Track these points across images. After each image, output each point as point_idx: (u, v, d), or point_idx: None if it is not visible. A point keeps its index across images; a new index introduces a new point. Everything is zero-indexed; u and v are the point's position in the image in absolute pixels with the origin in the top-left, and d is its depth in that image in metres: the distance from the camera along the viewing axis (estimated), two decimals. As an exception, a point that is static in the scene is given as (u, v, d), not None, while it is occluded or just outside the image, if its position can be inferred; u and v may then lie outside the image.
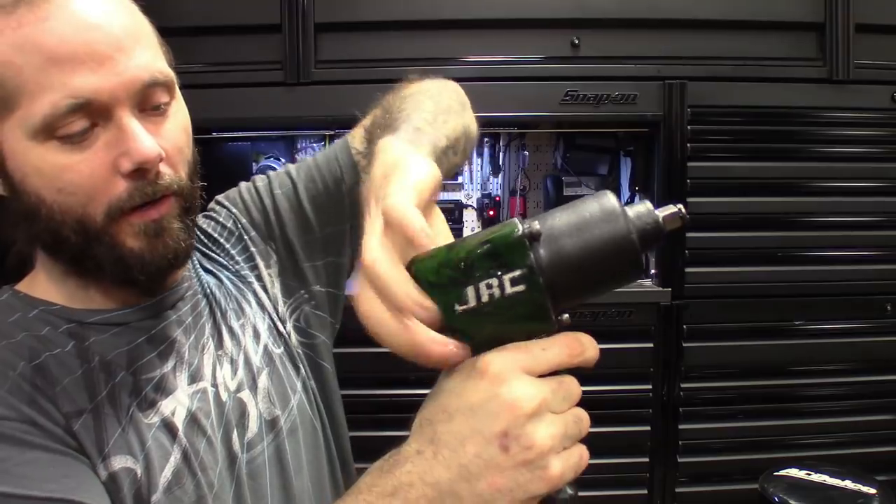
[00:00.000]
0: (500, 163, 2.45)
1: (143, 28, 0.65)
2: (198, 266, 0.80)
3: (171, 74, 0.66)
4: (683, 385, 1.96)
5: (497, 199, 2.47)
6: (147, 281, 0.66)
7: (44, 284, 0.70)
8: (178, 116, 0.67)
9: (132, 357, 0.68)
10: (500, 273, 0.46)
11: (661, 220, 0.49)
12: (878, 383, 2.01)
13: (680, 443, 1.97)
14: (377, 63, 1.89)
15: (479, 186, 2.50)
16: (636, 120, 1.95)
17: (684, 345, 1.95)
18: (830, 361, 2.00)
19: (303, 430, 0.77)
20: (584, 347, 0.50)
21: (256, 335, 0.78)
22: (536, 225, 0.47)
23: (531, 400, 0.46)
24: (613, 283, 0.50)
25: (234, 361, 0.75)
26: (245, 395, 0.73)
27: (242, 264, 0.84)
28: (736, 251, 1.96)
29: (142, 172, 0.61)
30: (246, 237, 0.84)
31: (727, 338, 1.97)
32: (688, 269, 1.95)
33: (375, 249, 0.48)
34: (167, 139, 0.64)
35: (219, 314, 0.77)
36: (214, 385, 0.72)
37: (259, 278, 0.83)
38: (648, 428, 1.96)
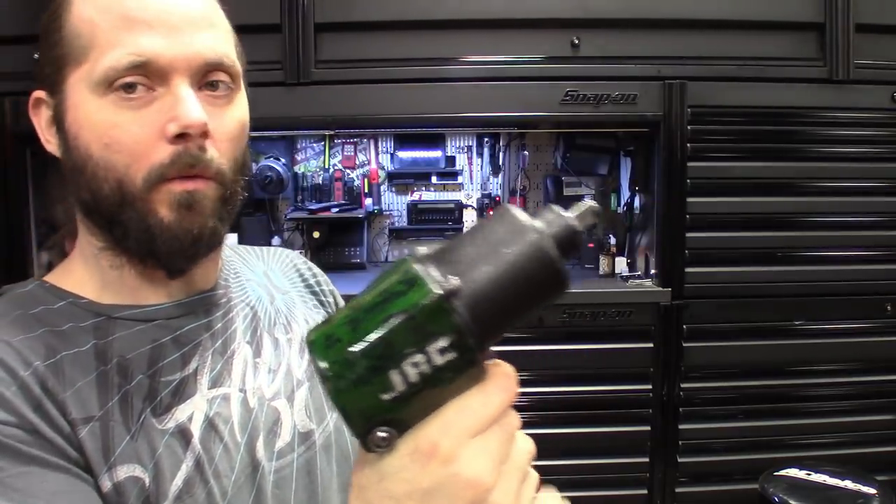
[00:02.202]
0: (500, 163, 2.45)
1: (218, 17, 0.67)
2: (249, 280, 0.81)
3: (237, 64, 0.67)
4: (683, 385, 1.96)
5: (497, 199, 2.47)
6: (168, 255, 0.65)
7: (77, 273, 0.70)
8: (237, 109, 0.68)
9: (154, 357, 0.67)
10: (424, 346, 0.41)
11: (572, 221, 0.45)
12: (878, 383, 2.01)
13: (680, 443, 1.97)
14: (377, 63, 1.89)
15: (479, 186, 2.50)
16: (636, 120, 1.95)
17: (684, 345, 1.95)
18: (830, 361, 2.00)
19: (337, 449, 0.76)
20: (511, 379, 0.45)
21: (302, 350, 0.78)
22: (454, 281, 0.41)
23: (490, 472, 0.42)
24: (539, 302, 0.45)
25: (272, 371, 0.74)
26: (280, 403, 0.72)
27: (308, 298, 0.86)
28: (736, 251, 1.96)
29: (186, 138, 0.62)
30: (322, 297, 0.88)
31: (727, 338, 1.97)
32: (688, 269, 1.95)
33: None
34: (219, 123, 0.65)
35: (264, 324, 0.77)
36: (243, 390, 0.70)
37: (319, 310, 0.86)
38: (648, 428, 1.96)
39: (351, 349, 0.41)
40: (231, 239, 0.88)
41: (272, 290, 0.82)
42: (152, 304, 0.69)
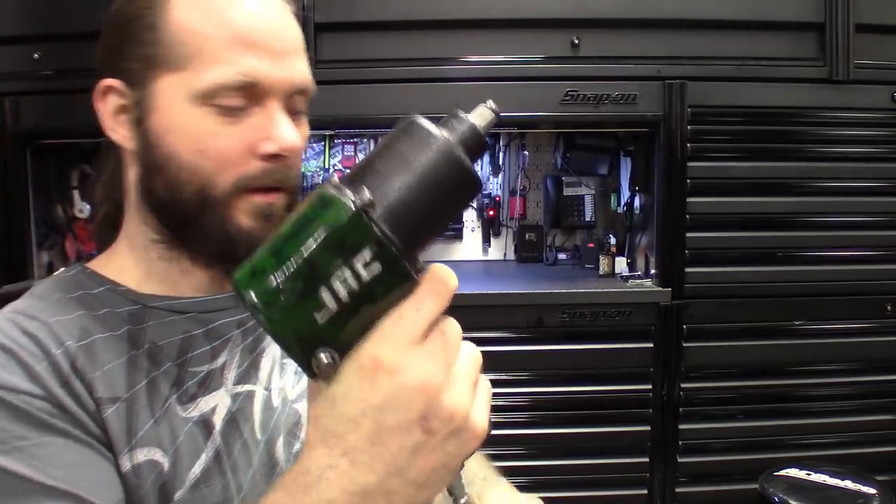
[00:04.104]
0: (500, 163, 2.45)
1: (302, 41, 0.71)
2: None
3: (315, 89, 0.71)
4: (683, 385, 1.96)
5: (497, 199, 2.47)
6: (240, 259, 0.68)
7: (120, 261, 0.72)
8: (305, 128, 0.72)
9: (184, 347, 0.69)
10: (349, 262, 0.41)
11: (473, 122, 0.47)
12: (878, 383, 2.01)
13: (680, 443, 1.97)
14: (377, 63, 1.89)
15: (479, 186, 2.50)
16: (636, 120, 1.94)
17: (684, 345, 1.95)
18: (830, 361, 2.00)
19: None
20: (446, 281, 0.45)
21: None
22: (367, 194, 0.42)
23: (436, 374, 0.43)
24: (456, 205, 0.46)
25: (298, 372, 0.74)
26: (302, 406, 0.73)
27: None
28: (736, 251, 1.96)
29: (279, 158, 0.66)
30: None
31: (727, 338, 1.97)
32: (688, 269, 1.95)
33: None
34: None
35: None
36: (268, 389, 0.72)
37: None
38: (648, 428, 1.96)
39: (276, 276, 0.42)
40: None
41: None
42: (188, 297, 0.71)
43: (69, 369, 0.61)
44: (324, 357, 0.43)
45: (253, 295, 0.43)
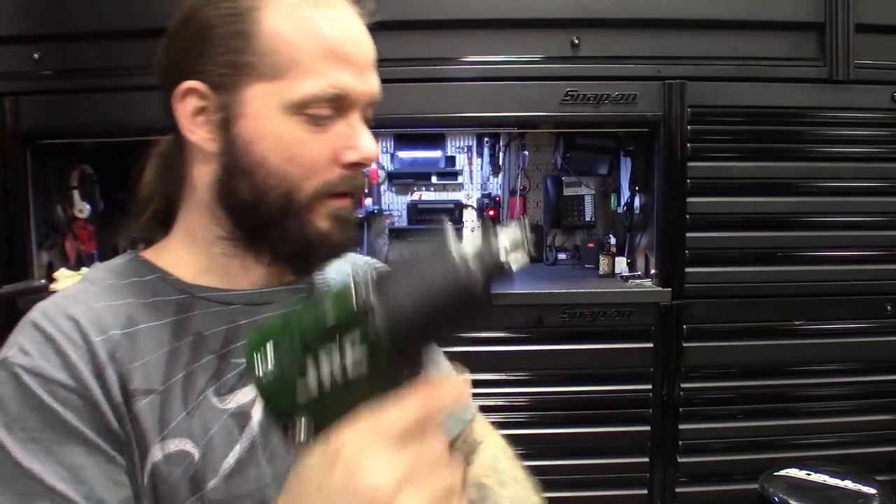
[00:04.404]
0: (500, 163, 2.45)
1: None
2: (334, 279, 0.83)
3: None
4: (683, 385, 1.96)
5: (497, 198, 2.47)
6: (320, 260, 0.74)
7: (174, 253, 0.75)
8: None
9: (228, 338, 0.71)
10: (342, 350, 0.44)
11: (498, 251, 0.45)
12: (878, 383, 2.01)
13: (680, 443, 1.97)
14: (377, 63, 1.89)
15: (479, 186, 2.50)
16: (636, 120, 1.94)
17: (684, 345, 1.95)
18: (830, 361, 2.00)
19: None
20: (439, 393, 0.45)
21: None
22: (372, 297, 0.44)
23: (388, 481, 0.42)
24: (460, 325, 0.46)
25: None
26: None
27: None
28: (736, 251, 1.96)
29: (357, 166, 0.71)
30: None
31: (727, 338, 1.97)
32: (688, 269, 1.95)
33: None
34: None
35: None
36: None
37: None
38: (648, 428, 1.96)
39: (278, 345, 0.46)
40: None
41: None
42: (236, 290, 0.73)
43: (107, 358, 0.64)
44: (300, 427, 0.46)
45: (255, 356, 0.47)
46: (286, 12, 0.67)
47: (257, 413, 0.68)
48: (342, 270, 0.85)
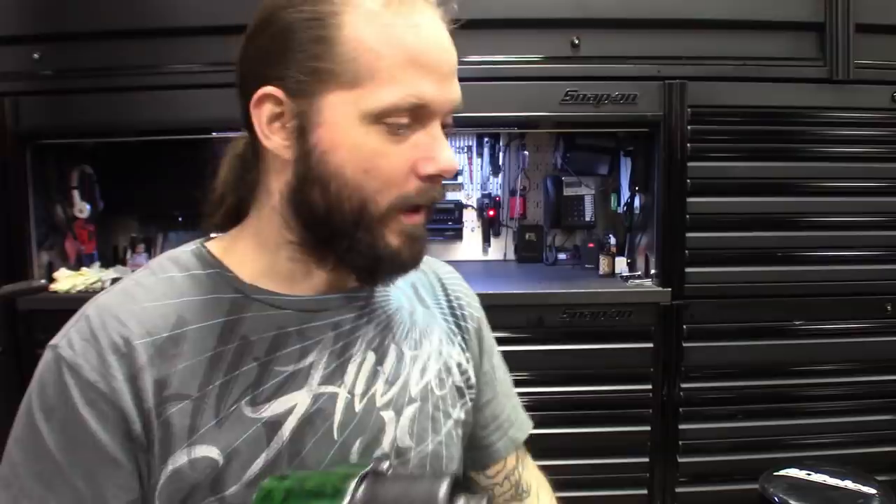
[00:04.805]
0: (500, 163, 2.45)
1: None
2: (398, 287, 0.82)
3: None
4: (683, 385, 1.96)
5: (497, 199, 2.47)
6: (389, 276, 0.73)
7: (240, 252, 0.74)
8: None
9: (275, 344, 0.70)
10: None
11: None
12: (878, 383, 2.01)
13: (680, 443, 1.97)
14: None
15: (479, 186, 2.50)
16: (636, 120, 1.94)
17: (684, 345, 1.95)
18: (830, 361, 2.00)
19: (430, 471, 0.77)
20: None
21: (424, 370, 0.79)
22: None
23: None
24: None
25: (389, 382, 0.76)
26: (388, 414, 0.74)
27: (448, 318, 0.87)
28: (736, 251, 1.96)
29: (435, 179, 0.69)
30: (462, 322, 0.89)
31: (727, 338, 1.97)
32: (688, 269, 1.95)
33: None
34: None
35: (396, 334, 0.78)
36: (351, 393, 0.72)
37: (456, 334, 0.87)
38: (648, 428, 1.96)
39: None
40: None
41: (416, 301, 0.84)
42: (289, 295, 0.73)
43: (146, 362, 0.65)
44: None
45: None
46: (368, 18, 0.65)
47: (291, 422, 0.68)
48: (406, 278, 0.83)
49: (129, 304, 0.68)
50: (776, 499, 1.43)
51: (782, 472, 1.51)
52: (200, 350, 0.68)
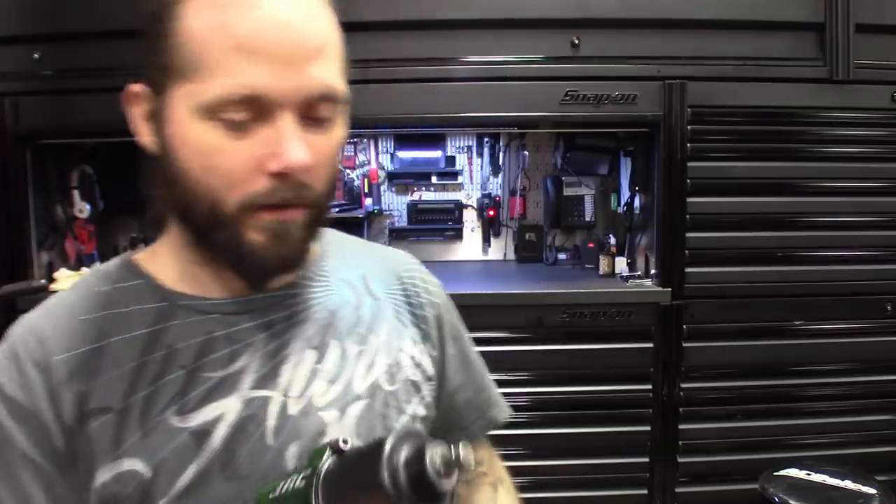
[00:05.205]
0: (500, 163, 2.45)
1: (331, 41, 0.65)
2: (341, 280, 0.78)
3: (344, 93, 0.66)
4: (683, 385, 1.96)
5: (497, 198, 2.47)
6: (255, 275, 0.68)
7: (161, 258, 0.73)
8: (335, 133, 0.67)
9: (202, 350, 0.68)
10: None
11: (429, 470, 0.51)
12: (877, 383, 2.01)
13: (680, 443, 1.97)
14: (377, 63, 1.89)
15: (479, 186, 2.50)
16: (636, 120, 1.94)
17: (684, 345, 1.95)
18: (830, 361, 2.00)
19: None
20: None
21: (371, 366, 0.75)
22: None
23: None
24: None
25: (331, 381, 0.72)
26: (331, 414, 0.70)
27: (403, 311, 0.81)
28: (736, 251, 1.96)
29: (285, 176, 0.62)
30: (420, 312, 0.83)
31: (727, 338, 1.97)
32: (688, 269, 1.95)
33: None
34: (318, 152, 0.64)
35: (338, 330, 0.75)
36: (286, 396, 0.69)
37: (410, 328, 0.82)
38: (648, 428, 1.96)
39: None
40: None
41: (364, 294, 0.79)
42: (216, 298, 0.70)
43: (66, 377, 0.64)
44: None
45: None
46: (207, 5, 0.61)
47: (222, 429, 0.65)
48: (354, 270, 0.80)
49: (50, 321, 0.67)
50: (776, 499, 1.43)
51: (782, 472, 1.51)
52: (123, 361, 0.66)
